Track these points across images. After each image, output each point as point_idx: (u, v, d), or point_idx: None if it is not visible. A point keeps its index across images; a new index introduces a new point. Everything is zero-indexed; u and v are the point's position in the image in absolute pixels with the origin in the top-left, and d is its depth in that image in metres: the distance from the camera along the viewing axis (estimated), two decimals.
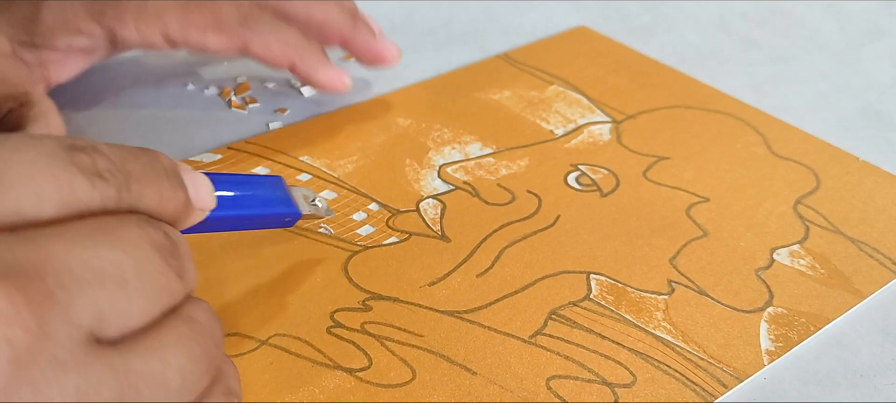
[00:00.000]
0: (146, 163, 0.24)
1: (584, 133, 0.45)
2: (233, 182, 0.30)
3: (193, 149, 0.43)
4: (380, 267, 0.36)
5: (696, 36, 0.56)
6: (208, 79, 0.49)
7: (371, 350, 0.32)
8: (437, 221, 0.39)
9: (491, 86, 0.49)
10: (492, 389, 0.31)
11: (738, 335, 0.34)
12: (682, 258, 0.37)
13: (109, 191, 0.22)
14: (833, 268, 0.37)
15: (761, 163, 0.43)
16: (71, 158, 0.22)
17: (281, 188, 0.33)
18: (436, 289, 0.35)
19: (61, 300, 0.20)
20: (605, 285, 0.36)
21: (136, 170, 0.23)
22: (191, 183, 0.26)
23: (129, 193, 0.23)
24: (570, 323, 0.34)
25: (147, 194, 0.24)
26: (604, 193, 0.41)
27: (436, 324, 0.33)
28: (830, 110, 0.48)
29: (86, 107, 0.46)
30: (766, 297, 0.35)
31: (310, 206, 0.34)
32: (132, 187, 0.23)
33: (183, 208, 0.25)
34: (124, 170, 0.23)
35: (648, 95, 0.49)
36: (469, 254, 0.37)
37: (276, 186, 0.33)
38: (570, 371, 0.32)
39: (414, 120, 0.46)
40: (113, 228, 0.22)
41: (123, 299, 0.21)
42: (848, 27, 0.57)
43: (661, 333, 0.33)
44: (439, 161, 0.43)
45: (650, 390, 0.31)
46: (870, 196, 0.41)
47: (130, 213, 0.23)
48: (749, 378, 0.32)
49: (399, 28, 0.55)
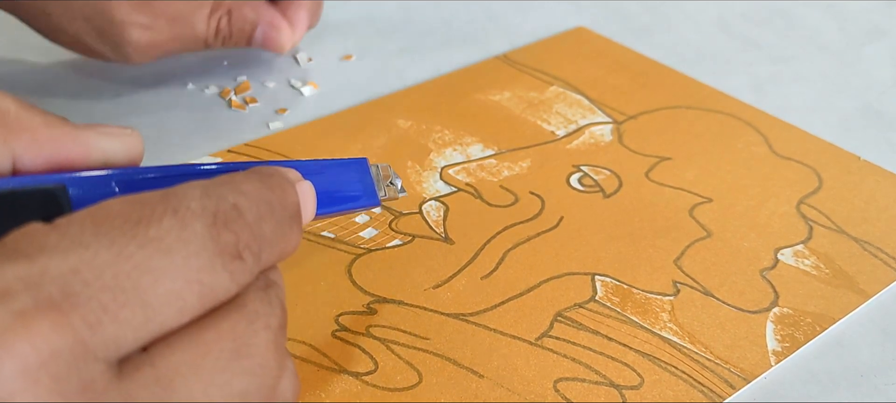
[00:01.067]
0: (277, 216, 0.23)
1: (586, 134, 0.45)
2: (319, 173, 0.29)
3: (193, 148, 0.43)
4: (384, 270, 0.36)
5: (696, 36, 0.56)
6: (208, 79, 0.49)
7: (377, 353, 0.32)
8: (441, 223, 0.39)
9: (491, 88, 0.49)
10: (499, 392, 0.31)
11: (744, 336, 0.33)
12: (687, 259, 0.37)
13: (245, 275, 0.21)
14: (837, 268, 0.37)
15: (763, 163, 0.43)
16: (217, 247, 0.21)
17: (365, 173, 0.31)
18: (440, 292, 0.35)
19: None
20: (611, 286, 0.35)
21: (269, 233, 0.22)
22: (301, 199, 0.25)
23: (259, 264, 0.22)
24: (576, 324, 0.34)
25: (274, 253, 0.23)
26: (606, 194, 0.41)
27: (441, 327, 0.33)
28: (831, 110, 0.48)
29: (86, 108, 0.46)
30: (772, 298, 0.35)
31: (388, 188, 0.32)
32: (263, 256, 0.22)
33: (298, 242, 0.24)
34: (260, 236, 0.22)
35: (649, 96, 0.49)
36: (473, 256, 0.37)
37: (359, 171, 0.31)
38: (577, 374, 0.32)
39: (414, 121, 0.45)
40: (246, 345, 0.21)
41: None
42: (848, 27, 0.57)
43: (668, 334, 0.33)
44: (441, 162, 0.42)
45: (657, 391, 0.31)
46: (871, 195, 0.41)
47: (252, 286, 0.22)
48: (756, 379, 0.32)
49: (399, 28, 0.55)
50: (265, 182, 0.23)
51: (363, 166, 0.31)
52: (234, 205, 0.22)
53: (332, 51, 0.52)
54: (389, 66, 0.51)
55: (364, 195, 0.31)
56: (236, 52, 0.51)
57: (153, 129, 0.44)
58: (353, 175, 0.31)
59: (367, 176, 0.31)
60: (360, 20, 0.55)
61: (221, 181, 0.22)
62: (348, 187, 0.30)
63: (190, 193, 0.21)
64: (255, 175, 0.23)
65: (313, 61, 0.51)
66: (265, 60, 0.51)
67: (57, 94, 0.47)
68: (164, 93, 0.47)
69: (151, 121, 0.45)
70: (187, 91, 0.48)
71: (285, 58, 0.51)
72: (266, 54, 0.51)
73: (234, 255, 0.21)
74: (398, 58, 0.52)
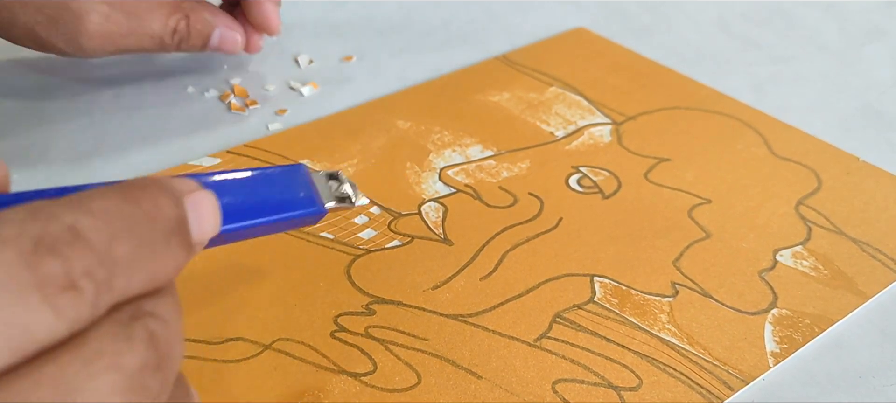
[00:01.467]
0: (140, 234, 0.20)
1: (585, 135, 0.45)
2: (242, 184, 0.26)
3: (193, 151, 0.43)
4: (383, 271, 0.36)
5: (696, 36, 0.56)
6: (208, 81, 0.49)
7: (376, 354, 0.32)
8: (440, 224, 0.39)
9: (490, 88, 0.49)
10: (497, 393, 0.31)
11: (743, 337, 0.34)
12: (686, 260, 0.37)
13: (82, 309, 0.18)
14: (836, 269, 0.37)
15: (762, 164, 0.43)
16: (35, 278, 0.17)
17: (302, 180, 0.28)
18: (439, 293, 0.35)
19: None
20: (609, 288, 0.36)
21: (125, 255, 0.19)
22: (193, 211, 0.22)
23: (111, 293, 0.19)
24: (575, 326, 0.34)
25: (135, 279, 0.19)
26: (606, 195, 0.41)
27: (440, 328, 0.33)
28: (830, 110, 0.48)
29: (84, 109, 0.46)
30: (770, 299, 0.35)
31: (335, 197, 0.29)
32: (115, 283, 0.19)
33: (182, 261, 0.21)
34: (109, 260, 0.19)
35: (648, 96, 0.49)
36: (472, 257, 0.37)
37: (295, 179, 0.28)
38: (575, 375, 0.32)
39: (414, 122, 0.45)
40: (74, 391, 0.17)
41: None
42: (848, 27, 0.57)
43: (666, 336, 0.33)
44: (440, 163, 0.42)
45: (656, 393, 0.31)
46: (871, 196, 0.41)
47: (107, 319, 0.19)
48: (754, 381, 0.32)
49: (399, 28, 0.55)
50: (127, 196, 0.20)
51: (299, 172, 0.28)
52: (69, 227, 0.18)
53: (332, 51, 0.52)
54: (389, 67, 0.51)
55: (301, 203, 0.28)
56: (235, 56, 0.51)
57: (153, 131, 0.44)
58: (286, 182, 0.28)
59: (305, 183, 0.28)
60: (360, 20, 0.56)
61: (63, 201, 0.19)
62: (281, 196, 0.27)
63: (9, 216, 0.18)
64: (115, 189, 0.20)
65: (313, 62, 0.51)
66: (265, 62, 0.51)
67: (55, 97, 0.47)
68: (163, 95, 0.48)
69: (151, 124, 0.45)
70: (187, 93, 0.48)
71: (285, 59, 0.51)
72: (266, 56, 0.51)
73: (63, 287, 0.18)
74: (398, 58, 0.52)
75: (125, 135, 0.44)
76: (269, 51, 0.52)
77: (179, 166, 0.41)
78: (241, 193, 0.26)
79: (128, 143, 0.43)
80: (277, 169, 0.28)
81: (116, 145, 0.43)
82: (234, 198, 0.25)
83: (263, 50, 0.52)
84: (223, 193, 0.25)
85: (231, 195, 0.25)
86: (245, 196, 0.26)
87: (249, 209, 0.26)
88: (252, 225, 0.26)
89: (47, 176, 0.41)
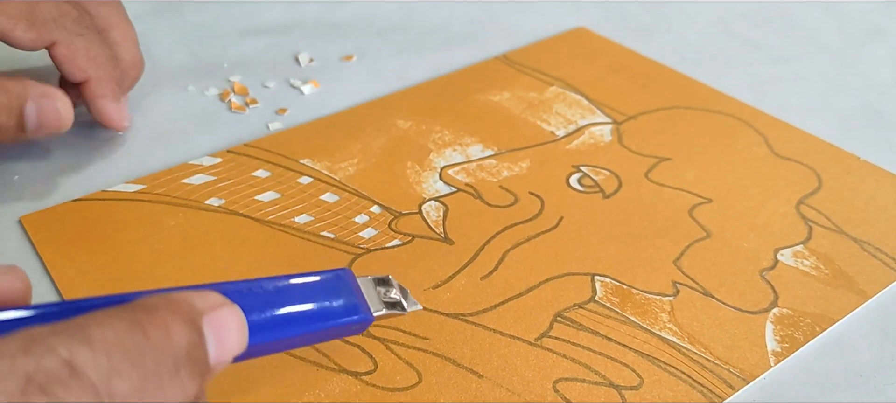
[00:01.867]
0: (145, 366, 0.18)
1: (585, 134, 0.45)
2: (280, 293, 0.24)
3: (194, 150, 0.43)
4: (383, 270, 0.36)
5: (696, 36, 0.56)
6: (208, 81, 0.49)
7: (376, 353, 0.32)
8: (440, 223, 0.39)
9: (491, 88, 0.49)
10: (498, 392, 0.31)
11: (743, 336, 0.33)
12: (686, 259, 0.37)
13: None
14: (837, 269, 0.37)
15: (762, 164, 0.43)
16: None
17: (347, 286, 0.26)
18: (440, 292, 0.35)
19: None
20: (610, 287, 0.35)
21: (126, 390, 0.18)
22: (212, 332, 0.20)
23: None
24: (576, 325, 0.34)
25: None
26: (606, 194, 0.41)
27: (441, 327, 0.33)
28: (830, 110, 0.48)
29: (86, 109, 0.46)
30: (771, 298, 0.35)
31: (384, 303, 0.27)
32: None
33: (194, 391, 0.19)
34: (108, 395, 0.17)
35: (648, 96, 0.49)
36: (473, 257, 0.37)
37: (340, 286, 0.26)
38: (576, 374, 0.32)
39: (414, 122, 0.45)
40: None
41: None
42: (848, 27, 0.57)
43: (667, 335, 0.33)
44: (440, 163, 0.42)
45: (657, 392, 0.31)
46: (871, 196, 0.41)
47: None
48: (755, 380, 0.32)
49: (399, 28, 0.55)
50: (134, 322, 0.19)
51: (344, 278, 0.26)
52: (65, 362, 0.17)
53: (333, 51, 0.52)
54: (389, 66, 0.51)
55: (345, 312, 0.26)
56: (236, 55, 0.51)
57: (153, 132, 0.44)
58: (330, 289, 0.26)
59: (348, 289, 0.26)
60: (360, 20, 0.56)
61: (62, 328, 0.18)
62: (323, 304, 0.25)
63: (5, 349, 0.17)
64: (121, 315, 0.19)
65: (314, 61, 0.51)
66: (265, 62, 0.51)
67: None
68: (164, 95, 0.47)
69: (151, 124, 0.45)
70: (188, 92, 0.48)
71: (286, 59, 0.51)
72: (266, 56, 0.51)
73: None
74: (398, 58, 0.52)
75: (126, 135, 0.44)
76: (270, 50, 0.52)
77: (180, 165, 0.41)
78: (278, 303, 0.24)
79: (128, 143, 0.43)
80: (321, 275, 0.26)
81: (117, 145, 0.43)
82: (269, 308, 0.24)
83: (263, 50, 0.52)
84: (257, 304, 0.23)
85: (266, 305, 0.23)
86: (283, 306, 0.24)
87: (287, 320, 0.24)
88: (288, 337, 0.24)
89: (49, 175, 0.41)
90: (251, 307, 0.22)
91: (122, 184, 0.40)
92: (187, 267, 0.35)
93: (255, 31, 0.54)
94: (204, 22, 0.54)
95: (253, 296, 0.23)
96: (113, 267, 0.35)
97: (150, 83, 0.48)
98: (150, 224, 0.37)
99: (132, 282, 0.35)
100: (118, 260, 0.36)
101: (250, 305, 0.22)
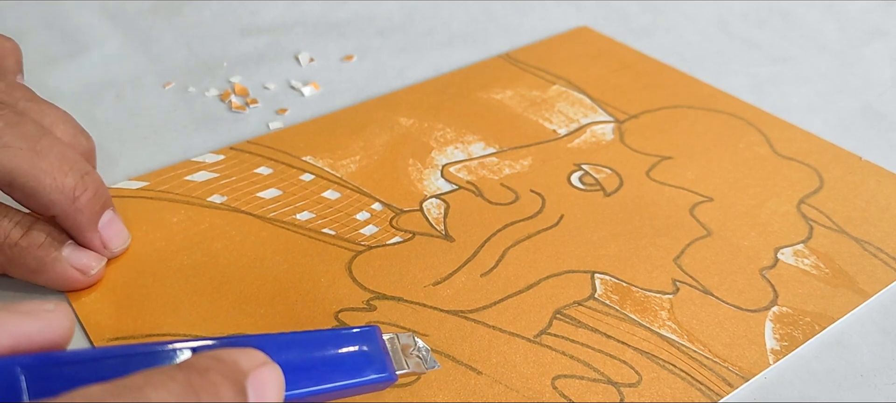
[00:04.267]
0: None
1: (587, 132, 0.45)
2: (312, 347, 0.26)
3: (194, 150, 0.43)
4: (384, 267, 0.36)
5: (696, 36, 0.56)
6: (209, 81, 0.49)
7: None
8: (441, 221, 0.39)
9: (493, 86, 0.49)
10: (497, 388, 0.31)
11: (743, 334, 0.34)
12: (687, 257, 0.37)
13: None
14: (837, 268, 0.37)
15: (764, 163, 0.43)
16: None
17: (374, 343, 0.27)
18: (440, 289, 0.35)
19: None
20: (610, 284, 0.36)
21: None
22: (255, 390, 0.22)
23: None
24: (575, 322, 0.34)
25: None
26: (607, 193, 0.41)
27: (441, 324, 0.33)
28: (831, 110, 0.48)
29: (87, 110, 0.46)
30: (771, 297, 0.35)
31: (407, 362, 0.28)
32: None
33: None
34: None
35: (650, 95, 0.49)
36: (473, 254, 0.37)
37: (367, 342, 0.27)
38: (575, 371, 0.32)
39: (416, 119, 0.45)
40: None
41: None
42: (848, 27, 0.57)
43: (667, 332, 0.33)
44: (442, 160, 0.42)
45: (656, 389, 0.31)
46: (872, 195, 0.41)
47: None
48: (754, 378, 0.32)
49: (399, 28, 0.55)
50: (188, 385, 0.20)
51: (372, 335, 0.27)
52: None
53: (333, 51, 0.52)
54: (390, 67, 0.51)
55: (371, 369, 0.27)
56: (236, 54, 0.51)
57: (154, 131, 0.45)
58: (358, 345, 0.27)
59: (376, 348, 0.27)
60: (360, 20, 0.56)
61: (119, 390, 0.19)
62: (351, 360, 0.26)
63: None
64: (176, 376, 0.20)
65: (314, 61, 0.51)
66: (266, 61, 0.51)
67: (56, 97, 0.47)
68: (164, 96, 0.48)
69: (152, 123, 0.45)
70: (188, 93, 0.48)
71: (286, 59, 0.51)
72: (267, 56, 0.51)
73: None
74: (398, 58, 0.52)
75: (126, 135, 0.44)
76: (270, 50, 0.52)
77: (183, 162, 0.41)
78: (309, 357, 0.26)
79: (129, 143, 0.43)
80: (350, 331, 0.27)
81: (118, 144, 0.43)
82: (301, 362, 0.25)
83: (263, 49, 0.52)
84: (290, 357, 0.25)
85: (299, 360, 0.25)
86: (313, 360, 0.26)
87: (316, 374, 0.25)
88: (318, 391, 0.25)
89: None
90: (288, 363, 0.24)
91: (125, 181, 0.40)
92: (190, 263, 0.35)
93: (255, 30, 0.54)
94: (204, 21, 0.55)
95: (289, 349, 0.25)
96: (116, 264, 0.35)
97: (151, 84, 0.48)
98: (153, 221, 0.38)
99: (134, 280, 0.35)
100: (121, 256, 0.36)
101: (287, 361, 0.24)
